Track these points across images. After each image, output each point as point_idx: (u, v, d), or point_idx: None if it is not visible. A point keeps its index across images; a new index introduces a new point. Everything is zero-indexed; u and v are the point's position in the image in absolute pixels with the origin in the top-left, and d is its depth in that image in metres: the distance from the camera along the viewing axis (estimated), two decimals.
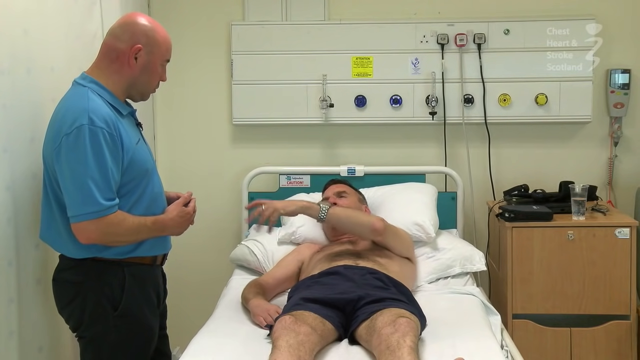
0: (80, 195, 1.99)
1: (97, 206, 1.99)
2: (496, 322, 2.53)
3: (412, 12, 3.47)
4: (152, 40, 2.12)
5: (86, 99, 2.03)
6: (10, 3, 2.16)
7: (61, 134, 2.00)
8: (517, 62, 3.39)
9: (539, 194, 3.22)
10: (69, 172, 1.99)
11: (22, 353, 2.20)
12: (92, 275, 2.11)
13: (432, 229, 2.96)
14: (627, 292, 2.99)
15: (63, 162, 2.00)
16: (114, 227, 2.04)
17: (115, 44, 2.11)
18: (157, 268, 2.29)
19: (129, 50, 2.10)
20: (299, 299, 2.29)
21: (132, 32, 2.10)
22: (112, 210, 2.02)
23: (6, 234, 2.14)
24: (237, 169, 3.54)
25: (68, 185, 2.00)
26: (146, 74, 2.15)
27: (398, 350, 1.93)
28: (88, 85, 2.09)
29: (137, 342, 2.19)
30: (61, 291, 2.18)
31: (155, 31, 2.14)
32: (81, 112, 2.00)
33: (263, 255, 2.96)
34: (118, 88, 2.13)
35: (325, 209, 2.55)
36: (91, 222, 2.00)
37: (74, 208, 2.01)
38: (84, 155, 1.97)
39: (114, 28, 2.14)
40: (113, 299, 2.12)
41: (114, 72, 2.12)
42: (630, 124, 3.45)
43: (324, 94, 3.42)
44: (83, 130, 1.97)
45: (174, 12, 3.51)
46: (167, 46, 2.18)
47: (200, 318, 2.54)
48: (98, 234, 2.03)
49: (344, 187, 2.99)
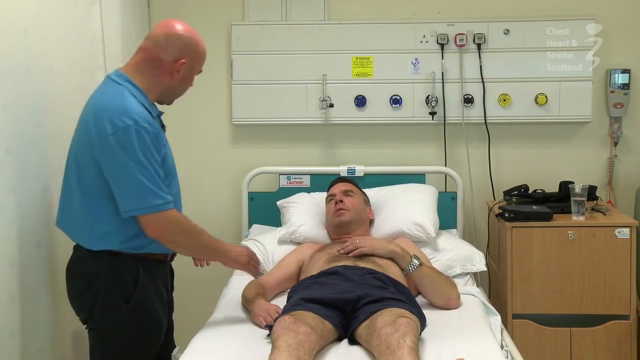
0: (139, 191, 2.04)
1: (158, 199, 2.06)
2: (496, 322, 2.53)
3: (412, 12, 3.47)
4: (195, 54, 2.21)
5: (124, 98, 2.09)
6: (10, 3, 2.16)
7: (105, 132, 2.03)
8: (517, 62, 3.39)
9: (538, 194, 3.22)
10: (121, 170, 2.04)
11: (23, 353, 2.20)
12: (107, 268, 2.14)
13: (432, 229, 2.96)
14: (627, 292, 2.99)
15: (112, 161, 2.04)
16: (174, 224, 2.12)
17: (159, 53, 2.15)
18: (166, 264, 2.34)
19: (173, 63, 2.16)
20: (299, 299, 2.29)
21: (179, 47, 2.16)
22: (168, 205, 2.09)
23: (8, 235, 2.14)
24: (237, 169, 3.54)
25: (121, 182, 2.06)
26: (183, 85, 2.24)
27: (398, 350, 1.93)
28: (123, 84, 2.13)
29: (146, 336, 2.22)
30: (74, 282, 2.21)
31: (197, 45, 2.21)
32: (124, 112, 2.04)
33: (263, 255, 2.95)
34: (152, 92, 2.19)
35: (416, 264, 2.55)
36: (151, 216, 2.07)
37: (129, 203, 2.06)
38: (134, 154, 2.03)
39: (158, 36, 2.17)
40: (126, 292, 2.15)
41: (153, 77, 2.17)
42: (630, 124, 3.45)
43: (324, 94, 3.43)
44: (130, 131, 2.03)
45: (174, 12, 3.50)
46: (204, 59, 2.27)
47: (200, 318, 2.54)
48: (159, 229, 2.09)
49: (351, 187, 2.99)
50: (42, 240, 2.33)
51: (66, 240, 2.35)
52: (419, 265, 2.55)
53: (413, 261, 2.56)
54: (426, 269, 2.58)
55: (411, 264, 2.55)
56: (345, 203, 2.86)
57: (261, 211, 3.38)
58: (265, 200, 3.37)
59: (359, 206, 2.90)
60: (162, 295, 2.28)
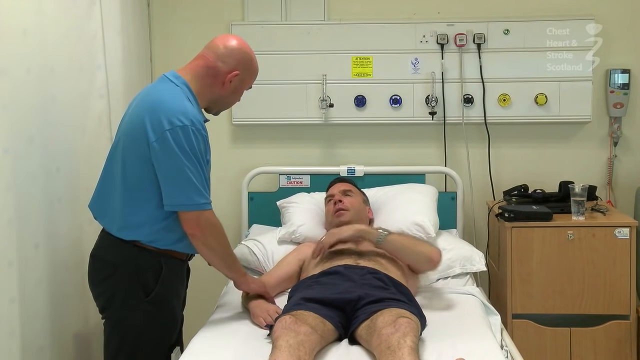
0: (182, 186, 2.12)
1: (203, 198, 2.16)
2: (496, 322, 2.53)
3: (412, 12, 3.47)
4: (249, 70, 2.32)
5: (182, 100, 2.17)
6: (10, 3, 2.17)
7: (162, 128, 2.10)
8: (517, 62, 3.39)
9: (538, 194, 3.22)
10: (173, 166, 2.12)
11: (23, 353, 2.20)
12: (130, 259, 2.20)
13: (432, 229, 2.96)
14: (626, 292, 2.99)
15: (165, 156, 2.11)
16: (212, 226, 2.21)
17: (217, 63, 2.25)
18: (186, 263, 2.41)
19: (228, 73, 2.25)
20: (299, 298, 2.29)
21: (237, 59, 2.27)
22: (209, 206, 2.19)
23: (7, 235, 2.14)
24: (237, 169, 3.55)
25: (170, 177, 2.13)
26: (232, 97, 2.34)
27: (398, 351, 1.93)
28: (180, 86, 2.21)
29: (162, 330, 2.27)
30: (97, 268, 2.26)
31: (253, 62, 2.34)
32: (181, 112, 2.12)
33: (263, 255, 2.96)
34: (203, 98, 2.27)
35: (384, 234, 2.56)
36: (193, 213, 2.15)
37: (175, 198, 2.14)
38: (187, 152, 2.11)
39: (218, 46, 2.27)
40: (147, 285, 2.20)
41: (207, 84, 2.26)
42: (629, 124, 3.45)
43: (324, 94, 3.43)
44: (187, 130, 2.10)
45: (174, 12, 3.51)
46: (256, 76, 2.37)
47: (200, 318, 2.54)
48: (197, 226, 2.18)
49: (350, 186, 2.98)
50: (41, 240, 2.33)
51: (67, 239, 2.36)
52: (388, 234, 2.56)
53: (381, 232, 2.57)
54: (396, 236, 2.61)
55: (379, 235, 2.56)
56: (344, 203, 2.86)
57: (261, 211, 3.38)
58: (265, 200, 3.37)
59: (358, 206, 2.90)
60: (180, 292, 2.35)
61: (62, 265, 2.45)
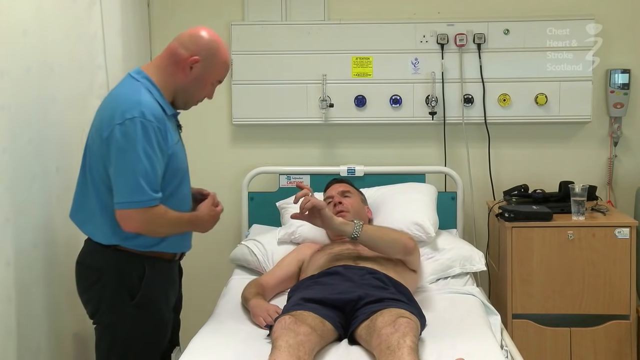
0: (129, 184, 2.06)
1: (145, 196, 2.07)
2: (496, 322, 2.53)
3: (412, 12, 3.47)
4: (212, 57, 2.23)
5: (139, 93, 2.12)
6: (10, 3, 2.16)
7: (113, 123, 2.07)
8: (517, 62, 3.39)
9: (538, 194, 3.22)
10: (120, 161, 2.06)
11: (20, 353, 2.20)
12: (113, 264, 2.18)
13: (432, 229, 2.95)
14: (627, 292, 2.99)
15: (114, 151, 2.07)
16: (158, 218, 2.12)
17: (178, 49, 2.20)
18: (175, 264, 2.36)
19: (187, 58, 2.19)
20: (299, 299, 2.29)
21: (197, 44, 2.20)
22: (156, 202, 2.10)
23: (4, 235, 2.14)
24: (237, 169, 3.54)
25: (118, 173, 2.08)
26: (196, 86, 2.25)
27: (398, 351, 1.93)
28: (141, 80, 2.18)
29: (150, 333, 2.25)
30: (83, 275, 2.24)
31: (218, 50, 2.23)
32: (134, 105, 2.08)
33: (263, 255, 2.96)
34: (167, 89, 2.22)
35: (360, 225, 2.51)
36: (137, 210, 2.08)
37: (121, 195, 2.08)
38: (134, 146, 2.05)
39: (183, 35, 2.24)
40: (131, 288, 2.18)
41: (169, 74, 2.21)
42: (630, 124, 3.45)
43: (324, 94, 3.42)
44: (135, 122, 2.05)
45: (174, 12, 3.51)
46: (224, 68, 2.29)
47: (200, 318, 2.54)
48: (142, 224, 2.11)
49: (348, 187, 2.98)
50: (39, 240, 2.33)
51: (64, 239, 2.35)
52: (363, 225, 2.53)
53: (356, 223, 2.51)
54: (369, 227, 2.59)
55: (355, 228, 2.50)
56: (344, 204, 2.86)
57: (261, 211, 3.38)
58: (265, 200, 3.37)
59: (357, 206, 2.90)
60: (169, 294, 2.31)
61: (60, 265, 2.45)
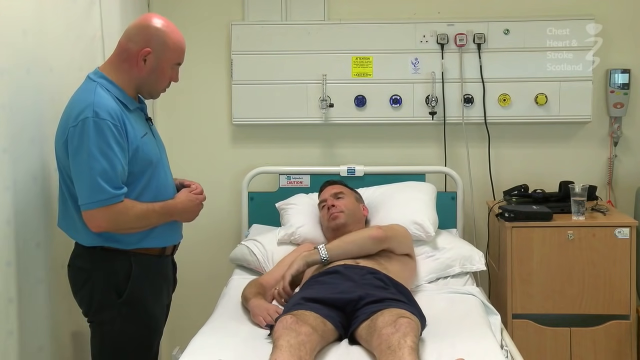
0: (88, 184, 2.06)
1: (104, 194, 2.06)
2: (496, 322, 2.53)
3: (412, 12, 3.47)
4: (163, 44, 2.19)
5: (93, 93, 2.11)
6: (9, 3, 2.16)
7: (68, 126, 2.08)
8: (517, 62, 3.38)
9: (538, 194, 3.22)
10: (77, 163, 2.07)
11: (21, 353, 2.20)
12: (100, 264, 2.19)
13: (431, 228, 2.95)
14: (627, 292, 2.99)
15: (71, 154, 2.08)
16: (122, 214, 2.11)
17: (127, 44, 2.18)
18: (165, 259, 2.35)
19: (138, 52, 2.17)
20: (300, 298, 2.29)
21: (144, 35, 2.17)
22: (119, 198, 2.09)
23: (5, 235, 2.14)
24: (237, 169, 3.54)
25: (77, 175, 2.09)
26: (154, 76, 2.22)
27: (399, 351, 1.93)
28: (98, 80, 2.16)
29: (140, 330, 2.25)
30: (74, 276, 2.26)
31: (167, 35, 2.20)
32: (87, 106, 2.07)
33: (263, 255, 2.96)
34: (128, 85, 2.20)
35: (323, 249, 2.55)
36: (99, 210, 2.08)
37: (82, 197, 2.09)
38: (89, 146, 2.05)
39: (129, 28, 2.21)
40: (118, 287, 2.19)
41: (124, 71, 2.19)
42: (630, 124, 3.45)
43: (324, 93, 3.42)
44: (88, 123, 2.05)
45: (174, 12, 3.50)
46: (178, 51, 2.24)
47: (200, 318, 2.54)
48: (107, 222, 2.11)
49: (341, 188, 2.98)
50: (40, 240, 2.34)
51: (65, 239, 2.35)
52: (325, 246, 2.56)
53: (320, 249, 2.54)
54: (332, 244, 2.60)
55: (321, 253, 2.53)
56: (337, 206, 2.86)
57: (261, 211, 3.38)
58: (265, 200, 3.37)
59: (351, 206, 2.90)
60: (158, 290, 2.31)
61: (61, 265, 2.45)
